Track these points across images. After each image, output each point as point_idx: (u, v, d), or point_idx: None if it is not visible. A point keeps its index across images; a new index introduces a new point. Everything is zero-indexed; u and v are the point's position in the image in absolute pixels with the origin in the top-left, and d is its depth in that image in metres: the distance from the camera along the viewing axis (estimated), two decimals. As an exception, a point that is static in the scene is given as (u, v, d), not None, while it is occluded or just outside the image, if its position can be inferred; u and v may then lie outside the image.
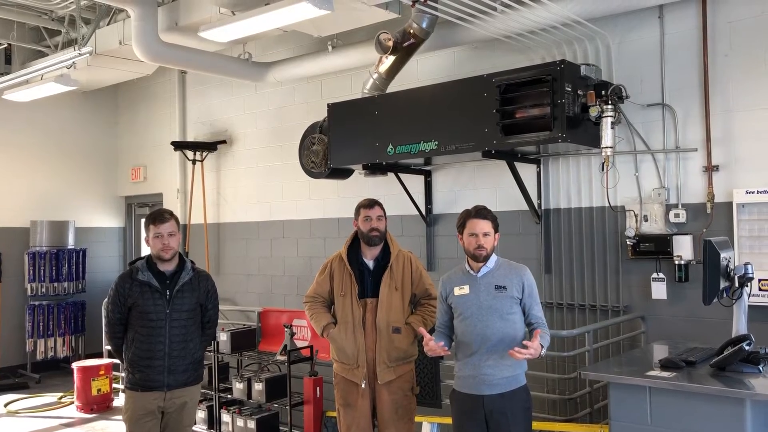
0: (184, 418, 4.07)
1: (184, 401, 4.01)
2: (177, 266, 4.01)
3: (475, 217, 3.54)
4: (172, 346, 3.91)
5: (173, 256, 3.97)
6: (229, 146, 8.47)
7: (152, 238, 3.93)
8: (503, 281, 3.51)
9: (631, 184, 5.35)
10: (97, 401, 7.21)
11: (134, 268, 3.98)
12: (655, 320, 5.23)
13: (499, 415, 3.43)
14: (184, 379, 3.99)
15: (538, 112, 4.88)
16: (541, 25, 5.19)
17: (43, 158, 9.27)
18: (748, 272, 3.63)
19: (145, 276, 3.92)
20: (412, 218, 6.59)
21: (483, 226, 3.51)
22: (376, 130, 5.76)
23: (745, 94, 4.89)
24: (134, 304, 3.91)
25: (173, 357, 3.92)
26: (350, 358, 4.06)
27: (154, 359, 3.90)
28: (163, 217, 3.93)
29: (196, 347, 4.06)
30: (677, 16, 5.18)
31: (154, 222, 3.93)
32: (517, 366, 3.49)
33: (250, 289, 8.24)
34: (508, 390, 3.45)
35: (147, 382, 3.91)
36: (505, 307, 3.47)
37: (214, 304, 4.19)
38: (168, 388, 3.93)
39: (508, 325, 3.46)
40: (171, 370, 3.92)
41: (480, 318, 3.47)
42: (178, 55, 6.77)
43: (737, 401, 3.12)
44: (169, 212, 4.03)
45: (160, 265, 3.97)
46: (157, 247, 3.92)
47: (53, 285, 8.69)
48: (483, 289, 3.51)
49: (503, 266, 3.59)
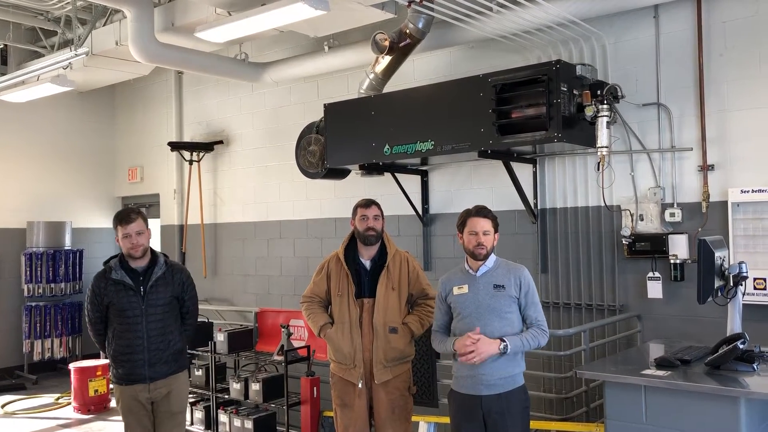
0: (173, 404, 4.15)
1: (169, 390, 4.10)
2: (149, 262, 4.09)
3: (475, 215, 3.56)
4: (151, 340, 4.01)
5: (144, 253, 4.05)
6: (225, 146, 8.47)
7: (121, 239, 4.01)
8: (502, 280, 3.52)
9: (626, 183, 5.37)
10: (94, 402, 7.20)
11: (108, 267, 4.07)
12: (650, 319, 5.25)
13: (497, 416, 3.44)
14: (166, 370, 4.08)
15: (534, 111, 4.90)
16: (537, 25, 5.21)
17: (39, 159, 9.25)
18: (742, 271, 3.64)
19: (119, 274, 4.01)
20: (409, 218, 6.60)
21: (483, 225, 3.54)
22: (373, 130, 5.77)
23: (740, 94, 4.91)
24: (110, 303, 4.01)
25: (152, 350, 4.01)
26: (347, 358, 4.06)
27: (134, 354, 3.99)
28: (129, 218, 4.01)
29: (176, 339, 4.14)
30: (672, 16, 5.19)
31: (120, 223, 4.01)
32: (515, 366, 3.49)
33: (247, 290, 8.24)
34: (505, 390, 3.46)
35: (130, 375, 4.02)
36: (504, 306, 3.49)
37: (191, 295, 4.26)
38: (151, 380, 4.03)
39: (505, 325, 3.47)
40: (152, 363, 4.01)
41: (478, 317, 3.48)
42: (174, 56, 6.77)
43: (732, 399, 3.14)
44: (136, 211, 4.12)
45: (132, 262, 4.04)
46: (126, 246, 4.00)
47: (50, 286, 8.67)
48: (482, 288, 3.52)
49: (502, 266, 3.60)
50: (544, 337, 3.52)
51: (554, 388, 5.50)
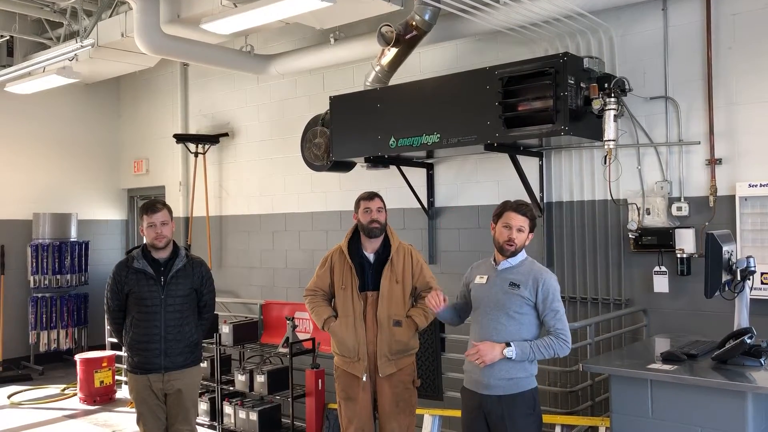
0: (185, 398, 4.19)
1: (183, 383, 4.16)
2: (171, 254, 4.18)
3: (514, 210, 3.41)
4: (168, 330, 4.09)
5: (167, 244, 4.14)
6: (231, 139, 8.46)
7: (146, 228, 4.10)
8: (519, 279, 3.37)
9: (633, 177, 5.34)
10: (99, 393, 7.23)
11: (130, 257, 4.17)
12: (656, 313, 5.23)
13: (497, 420, 3.32)
14: (181, 361, 4.14)
15: (541, 104, 4.87)
16: (544, 17, 5.17)
17: (45, 151, 9.28)
18: (750, 266, 3.61)
19: (141, 264, 4.10)
20: (414, 211, 6.58)
21: (519, 221, 3.38)
22: (378, 122, 5.75)
23: (748, 87, 4.87)
24: (131, 291, 4.10)
25: (169, 341, 4.09)
26: (351, 351, 4.06)
27: (151, 343, 4.07)
28: (155, 207, 4.10)
29: (192, 331, 4.22)
30: (681, 8, 5.15)
31: (147, 212, 4.09)
32: (519, 370, 3.32)
33: (252, 282, 8.26)
34: (507, 394, 3.31)
35: (145, 364, 4.09)
36: (514, 305, 3.34)
37: (209, 289, 4.35)
38: (165, 371, 4.10)
39: (513, 324, 3.32)
40: (167, 353, 4.09)
41: (486, 312, 3.40)
42: (180, 48, 6.75)
43: (739, 394, 3.12)
44: (162, 202, 4.22)
45: (155, 253, 4.14)
46: (150, 236, 4.09)
47: (56, 277, 8.71)
48: (498, 282, 3.41)
49: (526, 265, 3.44)
50: (563, 347, 3.31)
51: (559, 381, 5.49)
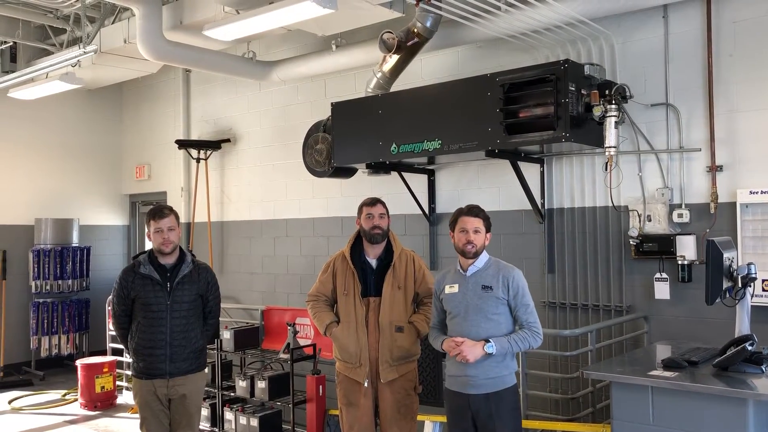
0: (190, 404, 4.19)
1: (187, 388, 4.15)
2: (177, 259, 4.18)
3: (466, 214, 3.60)
4: (173, 336, 4.08)
5: (173, 249, 4.14)
6: (232, 145, 8.48)
7: (153, 233, 4.11)
8: (490, 281, 3.53)
9: (634, 184, 5.35)
10: (100, 398, 7.23)
11: (137, 262, 4.17)
12: (657, 320, 5.23)
13: (486, 418, 3.46)
14: (186, 367, 4.14)
15: (542, 111, 4.88)
16: (545, 24, 5.19)
17: (47, 156, 9.30)
18: (751, 272, 3.62)
19: (147, 269, 4.10)
20: (416, 217, 6.59)
21: (474, 223, 3.56)
22: (380, 129, 5.76)
23: (749, 95, 4.88)
24: (137, 296, 4.10)
25: (174, 346, 4.08)
26: (353, 357, 4.06)
27: (156, 348, 4.06)
28: (162, 213, 4.11)
29: (197, 337, 4.21)
30: (682, 16, 5.17)
31: (154, 217, 4.11)
32: (503, 367, 3.50)
33: (253, 288, 8.26)
34: (493, 391, 3.47)
35: (150, 370, 4.08)
36: (491, 307, 3.50)
37: (215, 295, 4.35)
38: (170, 376, 4.09)
39: (492, 326, 3.48)
40: (172, 359, 4.08)
41: (465, 318, 3.52)
42: (182, 54, 6.78)
43: (740, 401, 3.12)
44: (169, 208, 4.21)
45: (161, 258, 4.14)
46: (157, 242, 4.09)
47: (57, 282, 8.71)
48: (471, 288, 3.55)
49: (492, 266, 3.60)
50: (535, 339, 3.49)
51: (560, 388, 5.49)
